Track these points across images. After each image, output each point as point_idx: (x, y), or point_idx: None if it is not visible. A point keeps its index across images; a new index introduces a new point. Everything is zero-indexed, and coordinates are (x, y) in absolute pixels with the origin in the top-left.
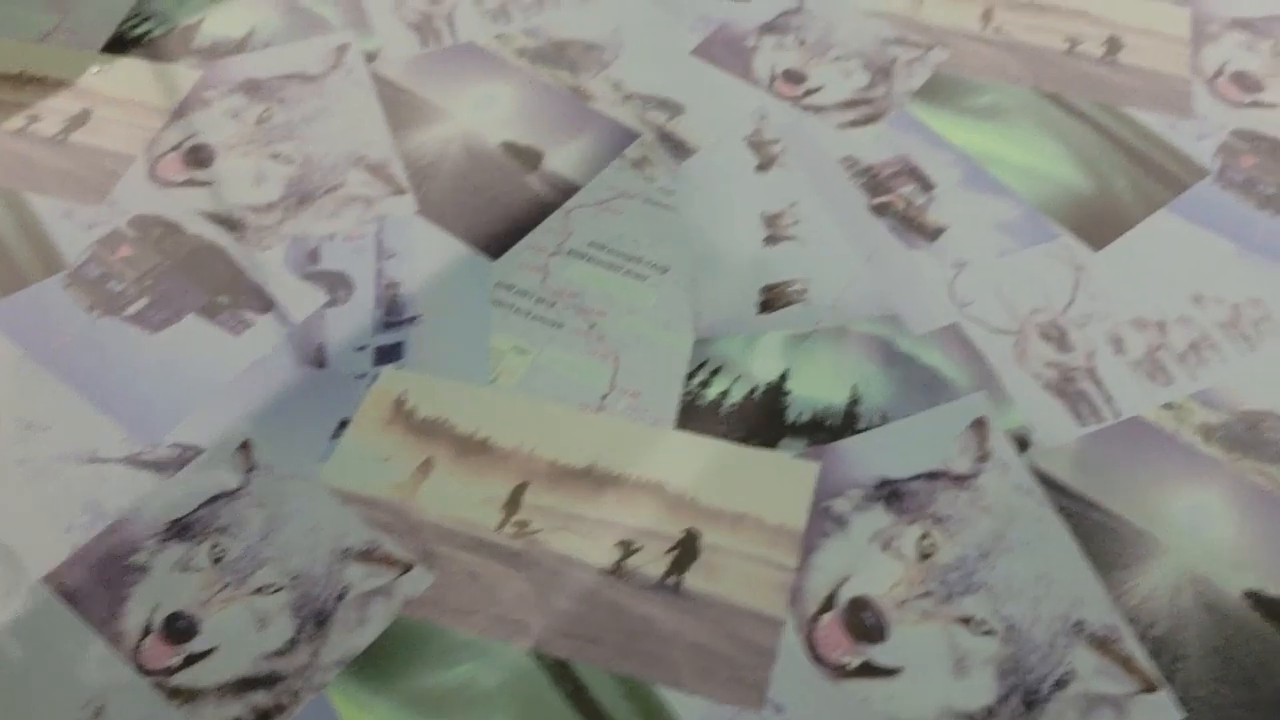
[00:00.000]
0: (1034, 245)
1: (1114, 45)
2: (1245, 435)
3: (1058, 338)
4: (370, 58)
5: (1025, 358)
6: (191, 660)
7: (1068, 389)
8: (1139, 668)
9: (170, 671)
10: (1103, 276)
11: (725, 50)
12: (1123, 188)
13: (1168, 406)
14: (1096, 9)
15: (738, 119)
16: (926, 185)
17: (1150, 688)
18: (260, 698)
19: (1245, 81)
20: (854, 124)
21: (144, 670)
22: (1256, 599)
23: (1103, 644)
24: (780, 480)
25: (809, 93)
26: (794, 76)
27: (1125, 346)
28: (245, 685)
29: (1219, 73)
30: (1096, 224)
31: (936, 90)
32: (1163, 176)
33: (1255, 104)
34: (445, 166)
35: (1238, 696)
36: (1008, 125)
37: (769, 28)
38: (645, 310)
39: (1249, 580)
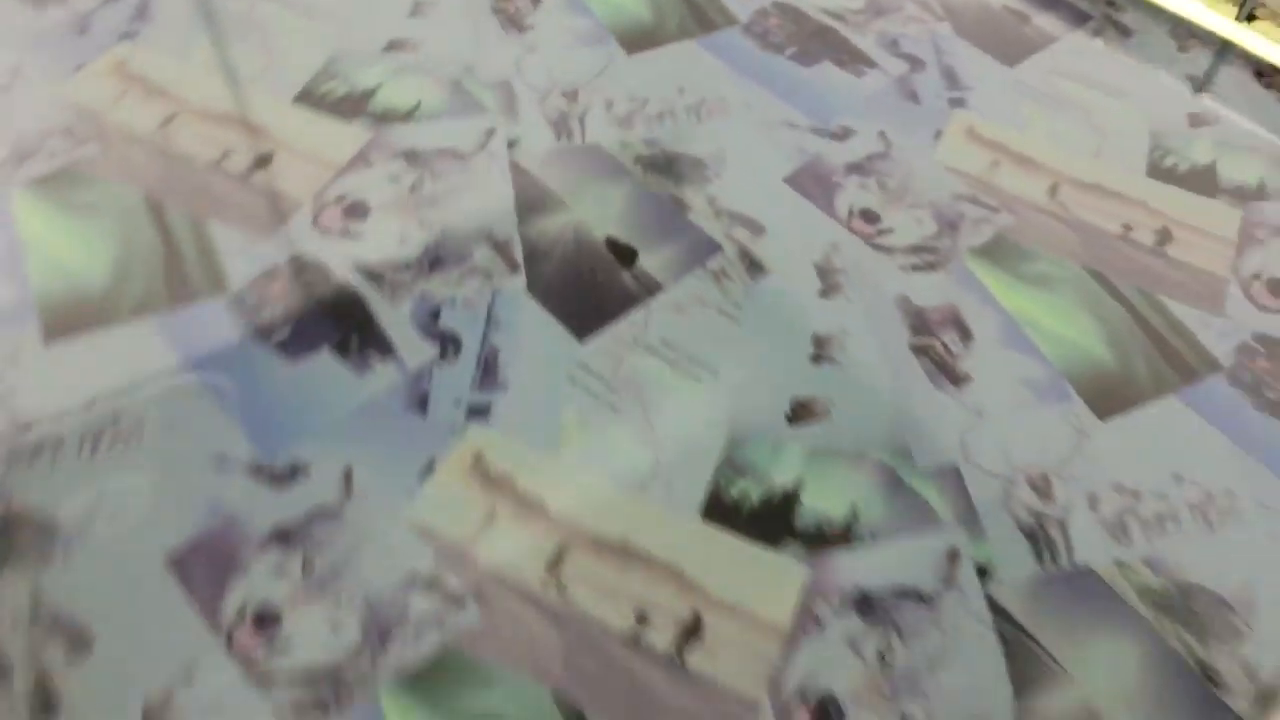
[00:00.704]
0: (1048, 405)
1: (1164, 236)
2: (1177, 603)
3: (1043, 488)
4: (511, 144)
5: (1009, 501)
6: (271, 649)
7: (1037, 534)
8: None
9: (252, 653)
10: (1101, 443)
11: (814, 182)
12: (1141, 369)
13: (1119, 564)
14: (1155, 201)
15: (812, 246)
16: (966, 335)
17: None
18: (322, 691)
19: (1277, 288)
20: (915, 268)
21: (232, 649)
22: None
23: None
24: (777, 580)
25: (881, 233)
26: (870, 216)
27: (1099, 506)
28: (311, 678)
29: (1255, 276)
30: (1109, 397)
31: (996, 251)
32: (1179, 365)
33: None
34: (556, 252)
35: None
36: (1052, 294)
37: (856, 168)
38: (693, 407)
39: None
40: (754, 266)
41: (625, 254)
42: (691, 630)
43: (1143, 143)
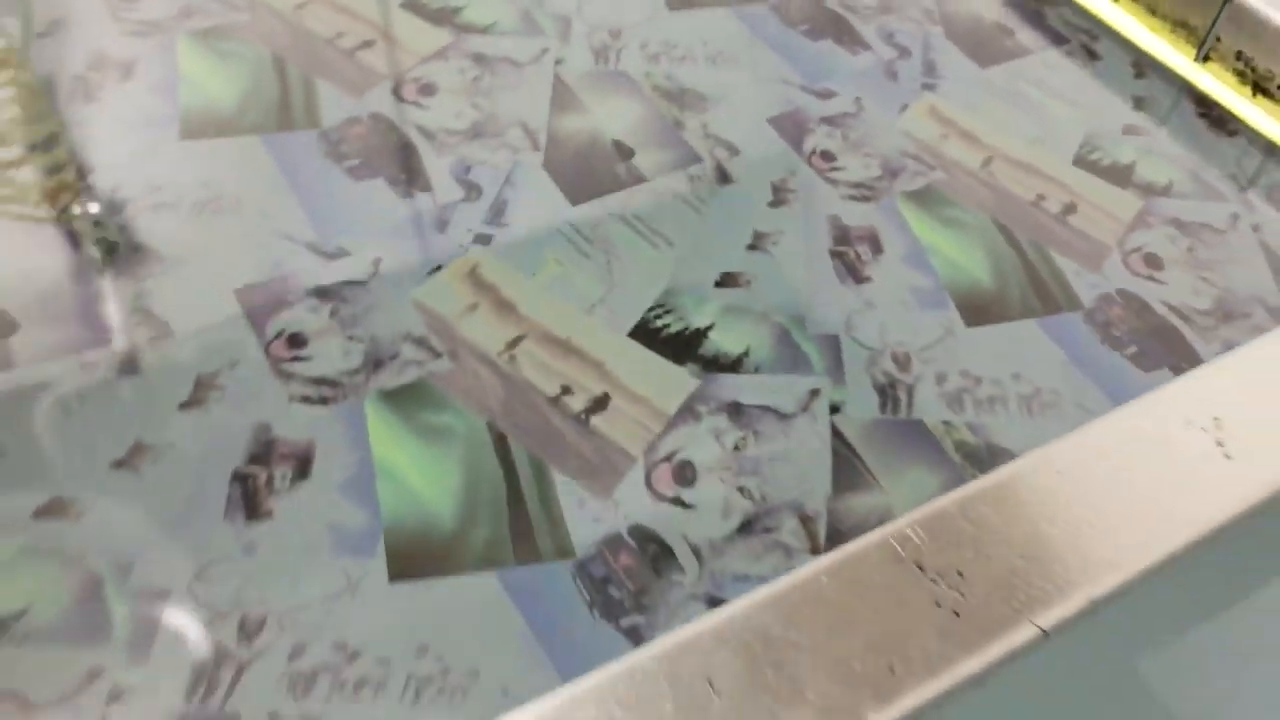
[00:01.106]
0: (927, 310)
1: (1069, 209)
2: (984, 456)
3: (902, 363)
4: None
5: (871, 366)
6: (297, 359)
7: (887, 391)
8: (816, 536)
9: (282, 360)
10: (961, 342)
11: (791, 126)
12: (1014, 296)
13: (945, 423)
14: (1071, 182)
15: (774, 169)
16: (877, 250)
17: (816, 550)
18: (326, 390)
19: (1153, 262)
20: (852, 199)
21: (268, 356)
22: None
23: (805, 519)
24: (673, 384)
25: (834, 169)
26: (828, 156)
27: (944, 383)
28: (322, 382)
29: (1136, 250)
30: (980, 312)
31: (922, 196)
32: (1047, 299)
33: (1150, 279)
34: (571, 145)
35: None
36: (959, 233)
37: (828, 120)
38: (644, 265)
39: None
40: (723, 176)
41: (625, 152)
42: (600, 404)
43: (1077, 139)
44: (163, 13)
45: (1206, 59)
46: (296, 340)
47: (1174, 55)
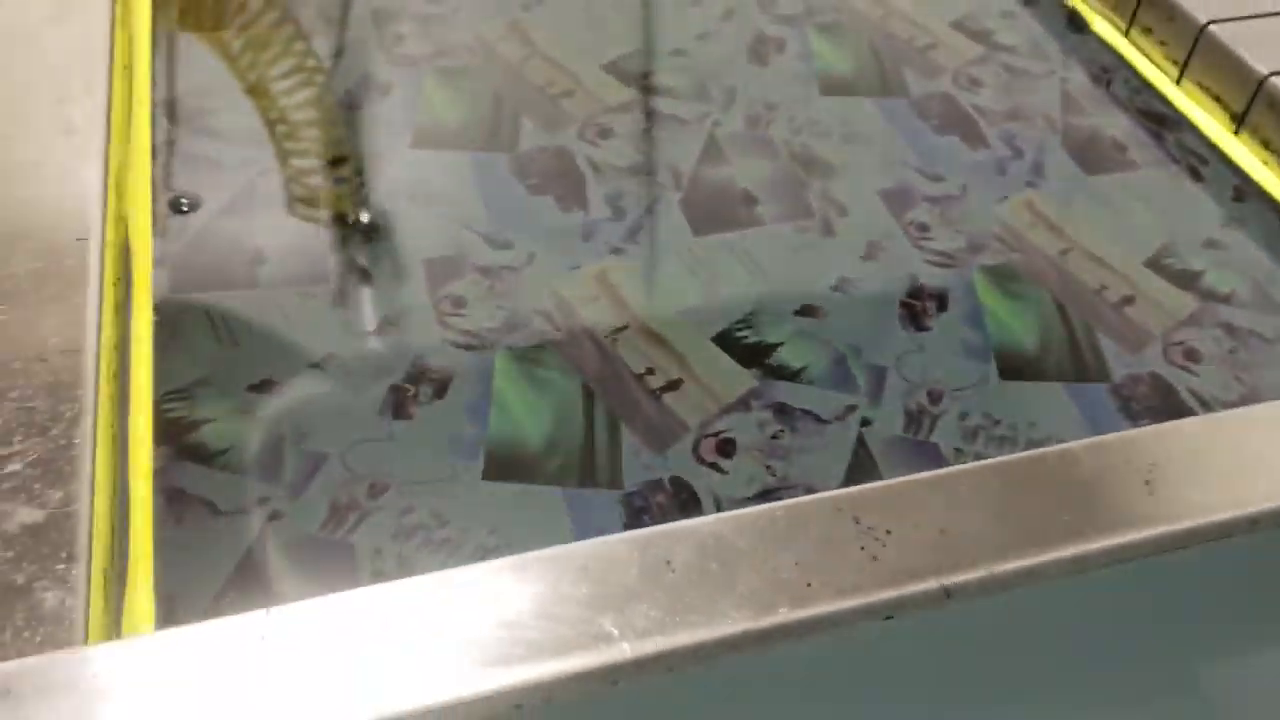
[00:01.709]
0: (971, 360)
1: (1127, 300)
2: None
3: (936, 398)
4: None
5: (907, 397)
6: (457, 315)
7: (915, 418)
8: None
9: (445, 315)
10: (991, 390)
11: (898, 198)
12: (1051, 361)
13: (957, 449)
14: (1140, 280)
15: (873, 231)
16: (943, 308)
17: None
18: (471, 340)
19: (1192, 355)
20: (933, 264)
21: (435, 309)
22: None
23: (810, 492)
24: (736, 380)
25: (925, 239)
26: (923, 227)
27: (966, 419)
28: (469, 334)
29: (1179, 343)
30: (1016, 368)
31: (996, 271)
32: (1080, 369)
33: (1184, 369)
34: (706, 188)
35: None
36: (1018, 304)
37: (931, 199)
38: (739, 287)
39: None
40: (827, 230)
41: (750, 199)
42: (674, 385)
43: (1156, 245)
44: (418, 50)
45: None
46: (459, 302)
47: (1277, 184)
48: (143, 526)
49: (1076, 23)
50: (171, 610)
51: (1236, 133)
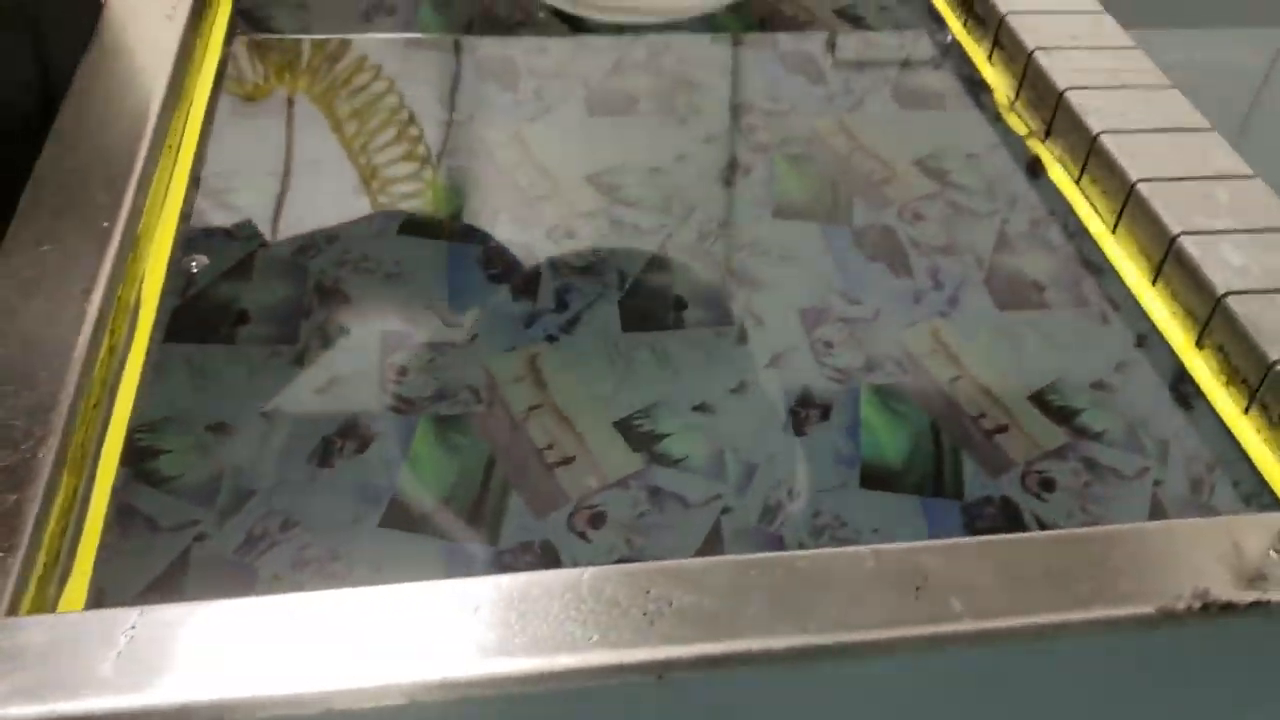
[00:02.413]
0: (838, 466)
1: (1000, 429)
2: None
3: (795, 496)
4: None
5: (770, 491)
6: (401, 382)
7: (771, 510)
8: None
9: (389, 381)
10: (849, 496)
11: (813, 316)
12: (912, 478)
13: (800, 545)
14: (1019, 413)
15: (781, 344)
16: (825, 417)
17: None
18: (403, 405)
19: (1046, 485)
20: (829, 378)
21: (383, 377)
22: None
23: None
24: (624, 463)
25: (828, 354)
26: (828, 344)
27: (817, 518)
28: (404, 400)
29: (1039, 472)
30: (877, 479)
31: (884, 390)
32: (937, 486)
33: (1036, 496)
34: (643, 293)
35: None
36: (895, 422)
37: (844, 319)
38: (650, 381)
39: None
40: (742, 338)
41: (680, 303)
42: (568, 461)
43: (1044, 381)
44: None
45: (1200, 347)
46: (403, 370)
47: (1178, 335)
48: (91, 533)
49: (1035, 169)
50: (100, 602)
51: (1154, 283)
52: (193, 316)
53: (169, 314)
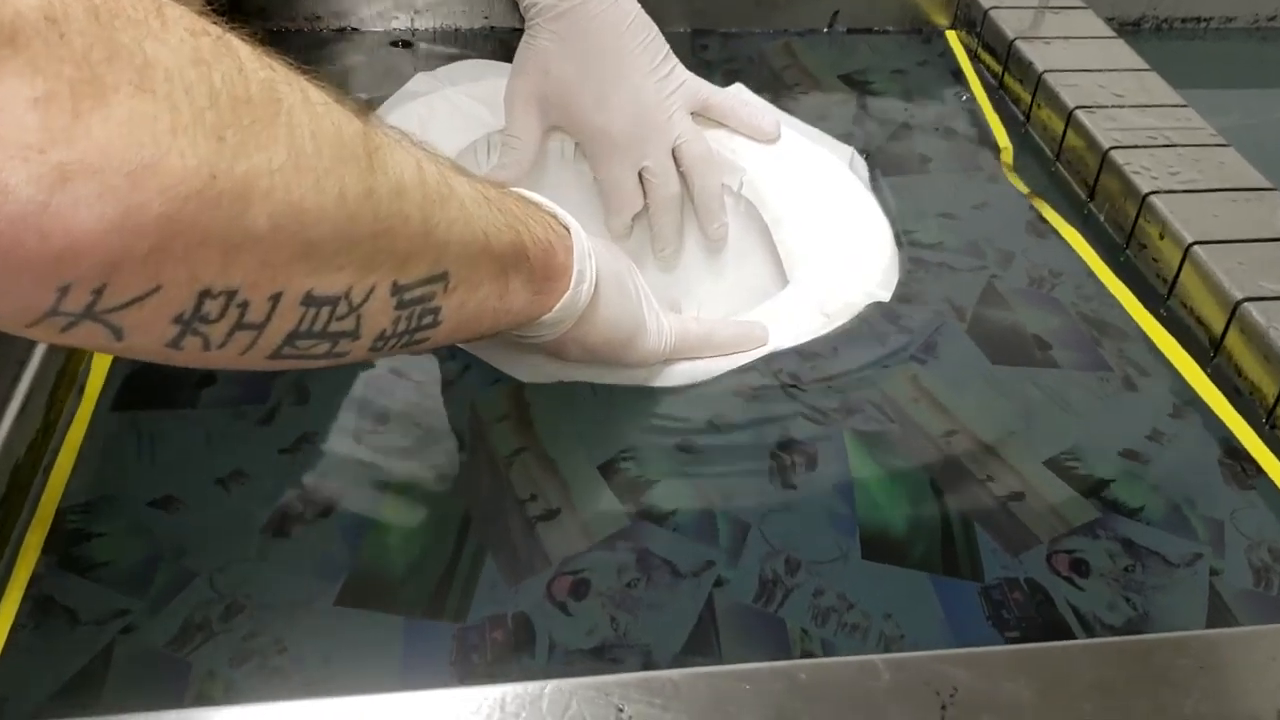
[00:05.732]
0: (835, 532)
1: (1015, 496)
2: None
3: (793, 567)
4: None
5: (764, 562)
6: (377, 432)
7: (768, 586)
8: None
9: (363, 435)
10: (851, 569)
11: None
12: (919, 549)
13: (803, 630)
14: (1035, 479)
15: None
16: (811, 467)
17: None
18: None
19: (1079, 568)
20: (806, 418)
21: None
22: None
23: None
24: (612, 516)
25: (797, 387)
26: (795, 378)
27: (820, 597)
28: (391, 450)
29: (1068, 551)
30: (879, 549)
31: (871, 440)
32: (950, 563)
33: (1069, 580)
34: None
35: None
36: (891, 481)
37: (803, 354)
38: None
39: None
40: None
41: None
42: (551, 514)
43: (1062, 446)
44: None
45: (1273, 426)
46: (381, 418)
47: (1217, 396)
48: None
49: (1038, 228)
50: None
51: (1213, 355)
52: (147, 380)
53: (120, 379)
